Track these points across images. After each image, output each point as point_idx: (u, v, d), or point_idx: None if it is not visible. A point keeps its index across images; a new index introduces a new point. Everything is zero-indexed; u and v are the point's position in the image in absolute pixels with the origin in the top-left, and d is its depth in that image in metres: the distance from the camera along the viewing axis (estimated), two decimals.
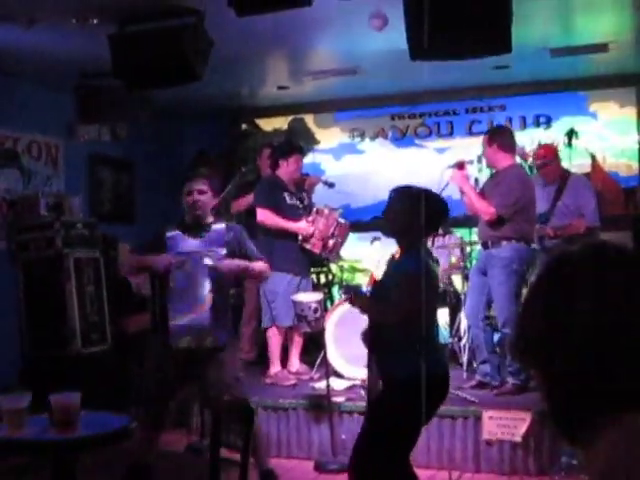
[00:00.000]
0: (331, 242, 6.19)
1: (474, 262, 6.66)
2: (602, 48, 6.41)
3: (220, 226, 4.66)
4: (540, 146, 6.79)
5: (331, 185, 6.95)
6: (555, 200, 6.10)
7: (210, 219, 4.67)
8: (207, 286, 4.49)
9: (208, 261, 4.46)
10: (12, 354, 6.45)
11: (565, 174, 6.29)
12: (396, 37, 5.27)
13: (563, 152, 7.03)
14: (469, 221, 6.55)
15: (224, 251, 4.54)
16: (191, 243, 4.55)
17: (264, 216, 6.16)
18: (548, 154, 6.36)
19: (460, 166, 5.72)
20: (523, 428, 5.09)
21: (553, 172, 6.25)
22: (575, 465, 3.99)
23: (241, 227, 4.96)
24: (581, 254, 1.04)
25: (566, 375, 0.99)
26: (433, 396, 3.49)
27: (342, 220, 6.32)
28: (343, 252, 6.90)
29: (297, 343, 6.40)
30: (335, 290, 7.44)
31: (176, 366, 4.48)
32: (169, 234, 4.57)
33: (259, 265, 4.72)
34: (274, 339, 6.27)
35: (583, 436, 0.98)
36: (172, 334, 4.46)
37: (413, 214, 3.55)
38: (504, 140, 5.79)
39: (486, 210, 5.57)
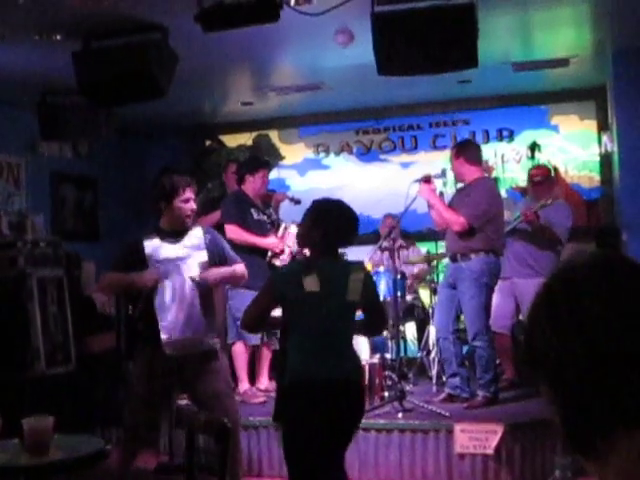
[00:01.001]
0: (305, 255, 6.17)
1: (441, 276, 6.70)
2: (563, 62, 6.52)
3: (197, 230, 4.56)
4: (534, 166, 6.88)
5: (297, 202, 6.93)
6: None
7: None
8: (195, 292, 4.42)
9: (194, 277, 4.39)
10: None
11: (554, 197, 6.34)
12: (360, 52, 5.31)
13: (525, 165, 7.13)
14: (434, 235, 6.58)
15: (205, 256, 4.48)
16: (171, 249, 4.44)
17: (233, 232, 6.11)
18: (541, 173, 6.45)
19: (427, 180, 5.75)
20: (495, 440, 5.10)
21: (546, 191, 6.29)
22: (569, 478, 3.99)
23: (215, 231, 4.89)
24: (588, 264, 1.03)
25: (578, 390, 0.97)
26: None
27: None
28: None
29: (266, 359, 6.35)
30: None
31: (169, 377, 4.40)
32: (147, 242, 4.42)
33: (240, 269, 4.66)
34: (240, 356, 6.21)
35: (596, 450, 0.97)
36: (165, 345, 4.36)
37: (316, 226, 3.68)
38: (470, 153, 5.85)
39: (456, 220, 5.59)
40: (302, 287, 3.53)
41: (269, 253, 6.13)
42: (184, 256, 4.42)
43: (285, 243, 6.12)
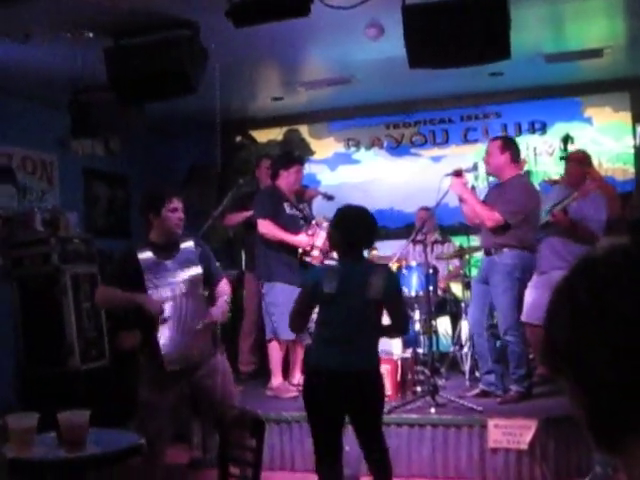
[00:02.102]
0: (332, 256, 6.14)
1: (473, 270, 6.65)
2: (596, 53, 6.43)
3: (189, 244, 4.48)
4: (579, 150, 6.73)
5: (330, 198, 6.91)
6: (564, 199, 6.01)
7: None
8: (190, 306, 4.39)
9: (199, 325, 4.34)
10: (9, 372, 6.39)
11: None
12: (391, 46, 5.29)
13: (558, 158, 7.02)
14: (466, 229, 6.54)
15: (200, 269, 4.45)
16: (166, 265, 4.39)
17: (265, 228, 6.12)
18: (581, 158, 6.29)
19: (458, 174, 5.70)
20: (529, 436, 5.06)
21: (579, 175, 6.13)
22: (610, 475, 3.96)
23: (206, 244, 4.79)
24: (610, 255, 1.00)
25: (602, 385, 0.95)
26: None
27: None
28: None
29: (299, 355, 6.35)
30: None
31: (168, 386, 4.39)
32: (141, 256, 4.34)
33: (227, 289, 4.64)
34: (276, 351, 6.22)
35: (623, 445, 0.95)
36: (166, 361, 4.36)
37: (337, 231, 4.10)
38: (516, 151, 5.79)
39: (490, 216, 5.54)
40: (321, 287, 3.94)
41: (300, 250, 6.12)
42: (179, 271, 4.37)
43: (316, 240, 6.10)
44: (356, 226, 4.07)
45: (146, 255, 4.33)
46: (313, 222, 6.24)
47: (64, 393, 5.98)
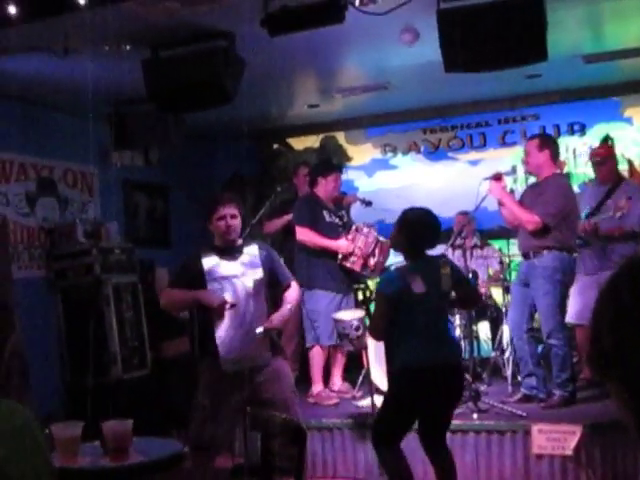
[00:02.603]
0: (372, 260, 6.12)
1: (513, 274, 6.59)
2: (636, 53, 6.33)
3: (253, 248, 4.60)
4: (600, 145, 6.69)
5: (368, 203, 6.91)
6: (604, 200, 5.96)
7: (240, 242, 4.64)
8: (252, 309, 4.45)
9: (260, 330, 4.41)
10: (53, 381, 6.47)
11: (619, 177, 6.16)
12: (426, 50, 5.27)
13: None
14: (506, 232, 6.49)
15: (261, 273, 4.51)
16: (228, 267, 4.50)
17: (304, 235, 6.14)
18: (601, 153, 6.25)
19: (497, 178, 5.66)
20: (574, 441, 4.99)
21: (607, 171, 6.10)
22: None
23: (271, 247, 4.93)
24: None
25: None
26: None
27: (383, 238, 6.26)
28: None
29: (339, 361, 6.35)
30: (373, 307, 7.37)
31: (228, 389, 4.44)
32: (205, 260, 4.48)
33: (292, 296, 4.68)
34: (317, 358, 6.23)
35: None
36: (223, 361, 4.42)
37: (400, 233, 4.36)
38: (555, 149, 5.75)
39: (530, 219, 5.49)
40: (411, 289, 4.11)
41: (339, 255, 6.12)
42: (240, 273, 4.46)
43: (356, 245, 6.09)
44: (418, 228, 4.30)
45: (210, 258, 4.48)
46: (353, 227, 6.24)
47: (107, 402, 6.04)
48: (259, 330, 4.39)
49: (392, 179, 8.38)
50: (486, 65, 4.61)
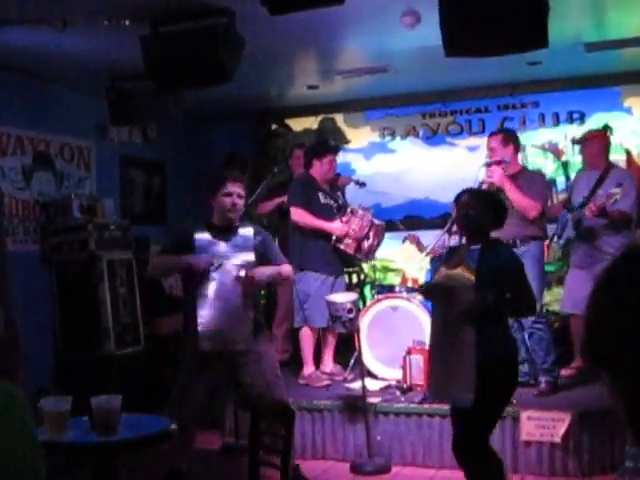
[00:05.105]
0: (366, 243, 6.13)
1: None
2: (637, 42, 6.30)
3: (248, 230, 4.61)
4: (590, 131, 6.69)
5: (362, 184, 6.91)
6: (595, 188, 5.97)
7: (237, 223, 4.64)
8: (237, 290, 4.45)
9: (240, 273, 4.42)
10: (46, 356, 6.49)
11: (609, 164, 6.16)
12: (427, 34, 5.24)
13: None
14: None
15: (252, 256, 4.51)
16: (221, 247, 4.51)
17: (298, 216, 6.14)
18: (591, 134, 6.33)
19: (498, 163, 5.66)
20: (562, 429, 5.02)
21: (594, 154, 6.10)
22: None
23: (267, 232, 4.93)
24: None
25: None
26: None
27: (377, 221, 6.26)
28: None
29: (331, 344, 6.37)
30: (367, 290, 7.40)
31: (206, 369, 4.44)
32: (198, 236, 4.51)
33: (286, 270, 4.69)
34: (307, 340, 6.24)
35: None
36: (201, 338, 4.42)
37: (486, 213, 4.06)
38: (518, 143, 5.95)
39: (534, 205, 5.56)
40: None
41: (333, 237, 6.12)
42: (231, 254, 4.46)
43: (350, 228, 6.09)
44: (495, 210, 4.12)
45: (203, 235, 4.50)
46: (348, 210, 6.23)
47: (99, 377, 6.06)
48: (240, 273, 4.39)
49: (390, 163, 8.35)
50: (486, 51, 4.59)
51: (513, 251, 4.33)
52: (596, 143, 6.16)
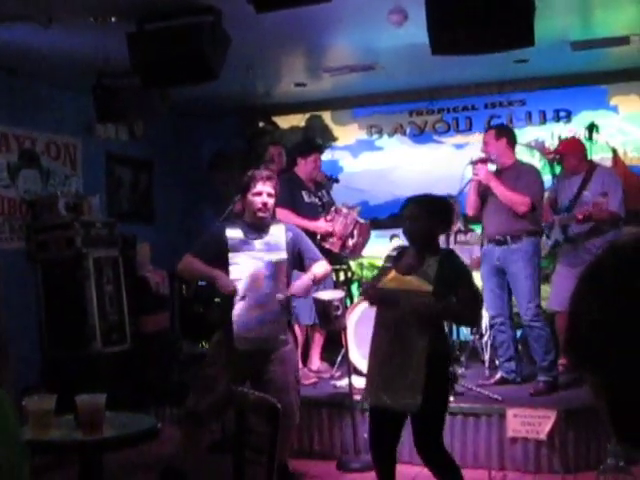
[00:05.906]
0: (351, 242, 6.13)
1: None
2: (623, 41, 6.32)
3: (279, 228, 4.64)
4: (560, 141, 6.74)
5: (335, 180, 6.96)
6: (580, 190, 5.97)
7: (268, 222, 4.66)
8: (270, 289, 4.49)
9: (281, 296, 4.45)
10: (32, 354, 6.46)
11: (591, 165, 6.14)
12: (415, 32, 5.24)
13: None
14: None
15: (284, 254, 4.53)
16: (252, 244, 4.53)
17: (282, 215, 6.11)
18: (565, 148, 6.27)
19: (483, 161, 5.66)
20: (548, 426, 5.04)
21: (571, 164, 6.12)
22: (622, 467, 3.92)
23: (298, 229, 4.94)
24: (636, 241, 0.97)
25: (624, 375, 0.92)
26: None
27: (362, 220, 6.26)
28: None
29: (318, 341, 6.37)
30: (354, 288, 7.40)
31: (235, 367, 4.48)
32: (229, 234, 4.53)
33: (320, 269, 4.68)
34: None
35: None
36: (236, 338, 4.44)
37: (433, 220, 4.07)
38: (512, 136, 5.82)
39: (522, 201, 5.52)
40: None
41: (318, 236, 6.11)
42: (264, 253, 4.49)
43: (335, 226, 6.09)
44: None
45: (235, 233, 4.52)
46: (332, 209, 6.23)
47: (86, 375, 6.04)
48: (279, 296, 4.42)
49: (377, 160, 8.36)
50: (473, 48, 4.59)
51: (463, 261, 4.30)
52: (572, 157, 6.09)
